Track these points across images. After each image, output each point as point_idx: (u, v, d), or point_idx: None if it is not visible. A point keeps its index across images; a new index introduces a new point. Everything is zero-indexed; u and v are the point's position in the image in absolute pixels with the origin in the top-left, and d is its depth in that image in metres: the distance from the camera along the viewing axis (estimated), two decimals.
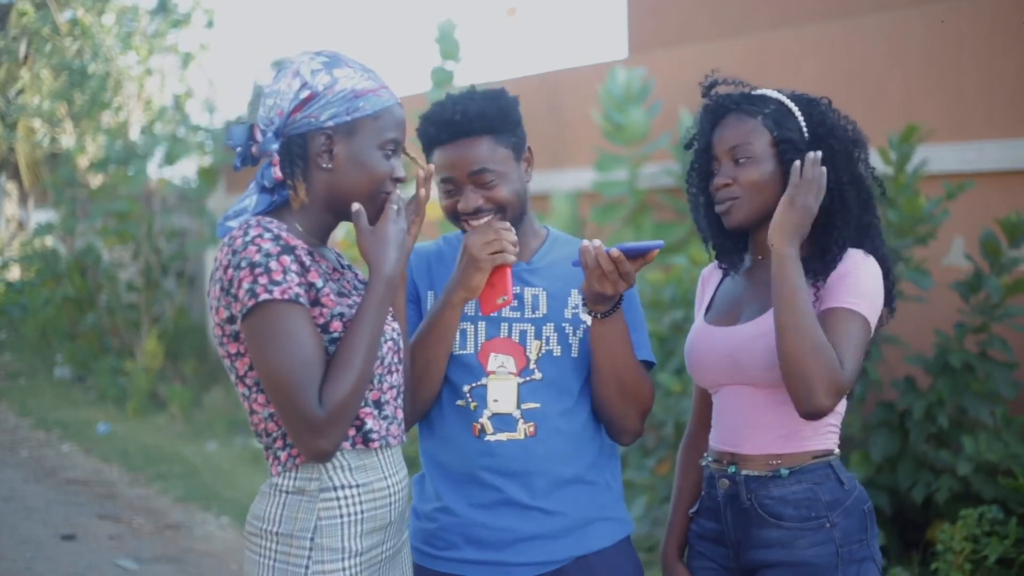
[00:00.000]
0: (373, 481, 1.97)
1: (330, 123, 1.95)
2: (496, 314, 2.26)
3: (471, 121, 2.23)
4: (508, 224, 2.19)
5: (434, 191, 2.26)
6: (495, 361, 2.25)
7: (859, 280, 2.15)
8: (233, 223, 1.97)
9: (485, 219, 2.22)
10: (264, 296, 1.83)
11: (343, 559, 1.93)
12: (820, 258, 2.18)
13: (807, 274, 2.17)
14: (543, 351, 2.26)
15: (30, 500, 6.27)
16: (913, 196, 4.28)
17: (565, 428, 2.26)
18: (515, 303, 2.27)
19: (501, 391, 2.24)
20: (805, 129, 2.22)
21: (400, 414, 2.06)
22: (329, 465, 1.93)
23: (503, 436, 2.23)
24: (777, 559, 2.17)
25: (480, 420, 2.24)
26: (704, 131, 2.30)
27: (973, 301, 4.35)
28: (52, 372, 10.89)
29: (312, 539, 1.91)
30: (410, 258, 2.30)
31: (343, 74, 1.96)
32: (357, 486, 1.95)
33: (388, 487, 1.99)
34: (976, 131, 4.90)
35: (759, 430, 2.21)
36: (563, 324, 2.28)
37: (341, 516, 1.93)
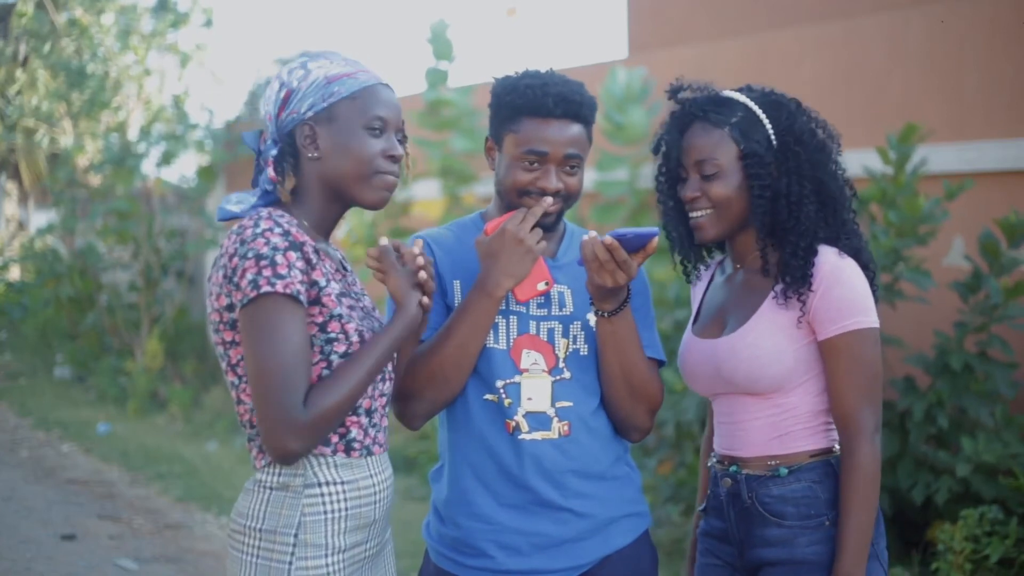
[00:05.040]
0: (359, 479, 1.97)
1: (309, 113, 1.98)
2: (525, 310, 2.23)
3: (585, 106, 2.20)
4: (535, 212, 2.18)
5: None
6: (528, 358, 2.22)
7: (853, 291, 2.14)
8: (234, 208, 1.99)
9: (554, 203, 2.19)
10: (266, 288, 1.83)
11: (326, 555, 1.93)
12: (790, 266, 2.16)
13: (783, 282, 2.17)
14: (570, 349, 2.24)
15: (30, 500, 6.27)
16: (912, 196, 4.28)
17: (595, 426, 2.24)
18: (542, 300, 2.25)
19: (535, 389, 2.20)
20: (773, 137, 2.19)
21: (385, 422, 2.07)
22: (314, 461, 1.93)
23: (538, 435, 2.20)
24: (778, 557, 2.17)
25: (515, 418, 2.20)
26: (673, 138, 2.27)
27: (972, 301, 4.35)
28: (52, 372, 10.90)
29: (296, 535, 1.91)
30: (433, 248, 2.27)
31: (316, 65, 1.99)
32: (342, 483, 1.95)
33: (373, 485, 2.00)
34: (976, 131, 4.90)
35: (753, 434, 2.22)
36: (590, 323, 2.25)
37: (325, 512, 1.93)
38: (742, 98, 2.22)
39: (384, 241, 2.03)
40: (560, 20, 28.49)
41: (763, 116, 2.20)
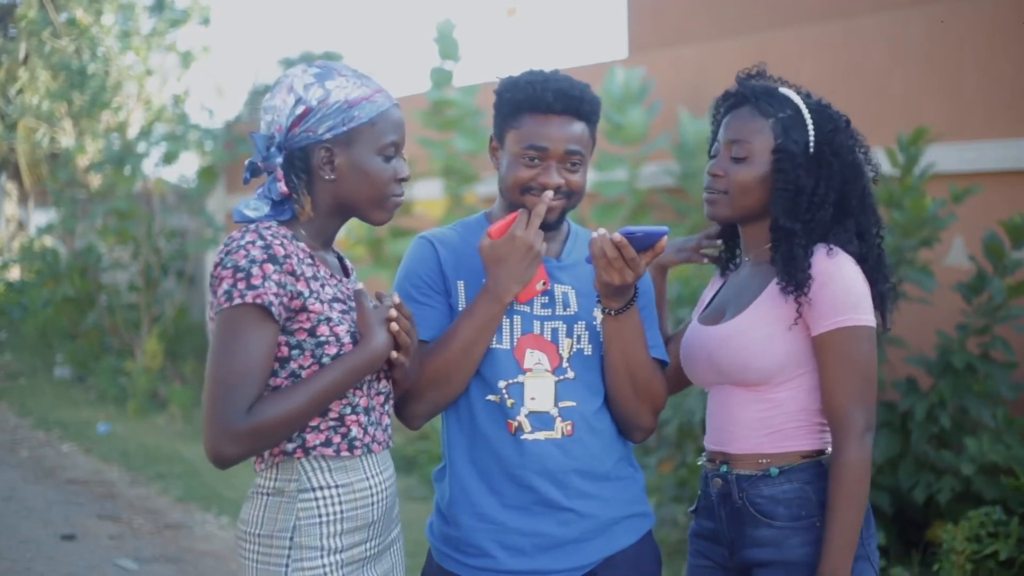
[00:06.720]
0: (354, 482, 2.00)
1: (328, 135, 2.00)
2: (529, 310, 2.23)
3: (587, 103, 2.20)
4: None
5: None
6: (531, 358, 2.22)
7: (847, 288, 2.13)
8: (250, 213, 2.01)
9: (557, 199, 2.19)
10: (237, 300, 1.89)
11: (322, 556, 1.96)
12: (788, 263, 2.17)
13: (781, 281, 2.17)
14: (574, 349, 2.24)
15: (30, 500, 6.27)
16: (919, 198, 4.28)
17: (599, 426, 2.24)
18: (546, 300, 2.25)
19: (538, 389, 2.21)
20: (812, 143, 2.20)
21: (386, 420, 2.09)
22: (308, 466, 1.97)
23: (541, 435, 2.20)
24: (768, 558, 2.17)
25: (517, 418, 2.20)
26: (718, 115, 2.31)
27: (976, 303, 4.35)
28: (52, 372, 10.89)
29: (291, 538, 1.95)
30: (437, 248, 2.28)
31: (335, 85, 2.00)
32: (336, 486, 1.98)
33: (370, 487, 2.02)
34: (976, 131, 4.91)
35: (744, 428, 2.22)
36: (594, 323, 2.26)
37: (320, 516, 1.96)
38: (796, 98, 2.24)
39: (359, 285, 2.06)
40: (560, 20, 28.51)
41: (809, 120, 2.21)
